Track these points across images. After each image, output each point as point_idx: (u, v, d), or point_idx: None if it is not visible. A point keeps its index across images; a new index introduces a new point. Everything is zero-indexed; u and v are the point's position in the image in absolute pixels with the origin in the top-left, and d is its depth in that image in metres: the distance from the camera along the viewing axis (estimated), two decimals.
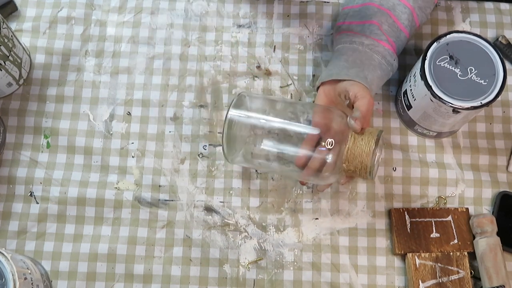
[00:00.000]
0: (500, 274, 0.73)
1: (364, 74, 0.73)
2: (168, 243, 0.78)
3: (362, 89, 0.71)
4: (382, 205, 0.79)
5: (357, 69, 0.73)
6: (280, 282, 0.76)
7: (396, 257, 0.77)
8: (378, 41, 0.75)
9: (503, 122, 0.83)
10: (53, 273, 0.76)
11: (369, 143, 0.67)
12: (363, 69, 0.74)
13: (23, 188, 0.79)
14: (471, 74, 0.72)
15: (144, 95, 0.84)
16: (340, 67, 0.74)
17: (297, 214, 0.79)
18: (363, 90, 0.71)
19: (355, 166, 0.68)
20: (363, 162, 0.67)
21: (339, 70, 0.74)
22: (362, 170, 0.68)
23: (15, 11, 0.87)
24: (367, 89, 0.71)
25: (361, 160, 0.67)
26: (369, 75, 0.73)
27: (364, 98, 0.70)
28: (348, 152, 0.67)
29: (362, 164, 0.67)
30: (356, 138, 0.68)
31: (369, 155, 0.67)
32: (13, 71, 0.79)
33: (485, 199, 0.80)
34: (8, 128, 0.82)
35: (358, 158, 0.67)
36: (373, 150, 0.67)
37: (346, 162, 0.68)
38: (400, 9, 0.76)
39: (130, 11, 0.88)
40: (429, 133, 0.80)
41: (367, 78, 0.73)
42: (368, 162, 0.67)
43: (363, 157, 0.67)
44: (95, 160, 0.81)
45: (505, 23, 0.87)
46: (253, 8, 0.89)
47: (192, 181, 0.80)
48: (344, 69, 0.74)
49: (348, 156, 0.67)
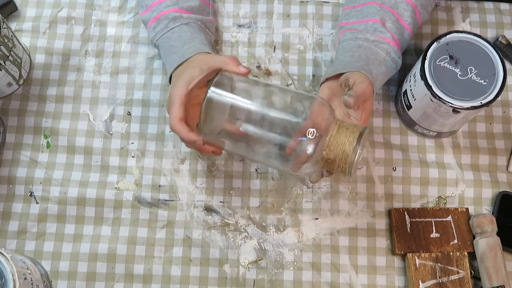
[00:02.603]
0: (500, 274, 0.73)
1: (370, 68, 0.72)
2: (168, 243, 0.78)
3: (363, 77, 0.70)
4: (382, 205, 0.79)
5: (362, 63, 0.73)
6: (280, 282, 0.76)
7: (396, 257, 0.77)
8: (383, 38, 0.75)
9: (503, 122, 0.83)
10: (53, 273, 0.76)
11: (353, 133, 0.63)
12: (369, 63, 0.73)
13: (23, 188, 0.79)
14: (471, 74, 0.72)
15: (144, 95, 0.84)
16: (346, 62, 0.74)
17: (297, 214, 0.79)
18: (363, 77, 0.70)
19: (335, 155, 0.63)
20: (344, 151, 0.63)
21: (345, 65, 0.73)
22: (342, 160, 0.63)
23: (15, 11, 0.87)
24: (368, 78, 0.70)
25: (343, 149, 0.63)
26: (374, 70, 0.73)
27: (362, 83, 0.68)
28: (330, 139, 0.63)
29: (343, 154, 0.63)
30: (341, 127, 0.64)
31: (352, 145, 0.62)
32: (13, 71, 0.79)
33: (485, 199, 0.80)
34: (8, 128, 0.82)
35: (340, 146, 0.63)
36: (356, 141, 0.63)
37: (327, 150, 0.63)
38: (403, 6, 0.76)
39: (130, 11, 0.88)
40: (429, 133, 0.80)
41: (372, 72, 0.72)
42: (350, 151, 0.62)
43: (345, 146, 0.62)
44: (95, 160, 0.81)
45: (505, 23, 0.87)
46: (253, 8, 0.89)
47: (192, 181, 0.80)
48: (350, 64, 0.73)
49: (329, 144, 0.63)
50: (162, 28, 0.77)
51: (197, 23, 0.78)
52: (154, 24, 0.78)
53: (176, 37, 0.76)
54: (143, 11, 0.80)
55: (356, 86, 0.69)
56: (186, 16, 0.78)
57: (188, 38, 0.76)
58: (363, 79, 0.69)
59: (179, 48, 0.75)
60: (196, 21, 0.78)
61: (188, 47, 0.74)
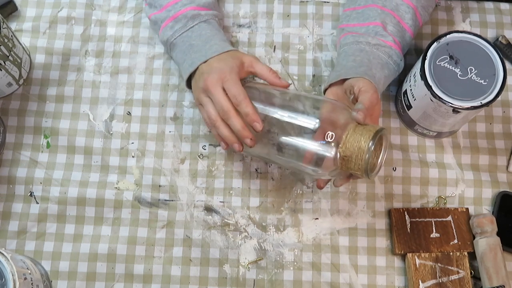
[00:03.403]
0: (500, 274, 0.73)
1: (372, 72, 0.73)
2: (168, 243, 0.78)
3: (367, 84, 0.70)
4: (382, 205, 0.79)
5: (365, 68, 0.73)
6: (280, 282, 0.76)
7: (396, 257, 0.77)
8: (385, 41, 0.75)
9: (503, 122, 0.83)
10: (53, 273, 0.76)
11: (369, 131, 0.64)
12: (371, 67, 0.73)
13: (23, 188, 0.79)
14: (471, 74, 0.72)
15: (144, 95, 0.84)
16: (348, 67, 0.74)
17: (297, 214, 0.79)
18: (368, 84, 0.70)
19: (351, 152, 0.64)
20: (360, 147, 0.64)
21: (347, 70, 0.73)
22: (358, 157, 0.64)
23: (15, 11, 0.87)
24: (372, 84, 0.71)
25: (359, 145, 0.64)
26: (377, 74, 0.73)
27: (367, 92, 0.69)
28: (346, 137, 0.65)
29: (359, 150, 0.64)
30: (358, 126, 0.65)
31: (367, 141, 0.63)
32: (13, 71, 0.79)
33: (485, 199, 0.80)
34: (8, 128, 0.82)
35: (356, 143, 0.64)
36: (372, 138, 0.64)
37: (343, 147, 0.64)
38: (404, 9, 0.76)
39: (130, 11, 0.88)
40: (429, 133, 0.80)
41: (375, 76, 0.73)
42: (365, 148, 0.63)
43: (361, 143, 0.64)
44: (95, 160, 0.81)
45: (505, 23, 0.87)
46: (253, 8, 0.89)
47: (192, 181, 0.80)
48: (352, 69, 0.73)
49: (345, 141, 0.65)
50: (181, 27, 0.77)
51: (214, 19, 0.79)
52: (171, 23, 0.78)
53: (196, 35, 0.77)
54: (157, 11, 0.79)
55: (362, 96, 0.69)
56: (204, 13, 0.78)
57: (208, 36, 0.77)
58: (368, 87, 0.69)
59: (200, 47, 0.76)
60: (214, 17, 0.79)
61: (210, 46, 0.75)
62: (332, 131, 0.66)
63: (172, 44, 0.79)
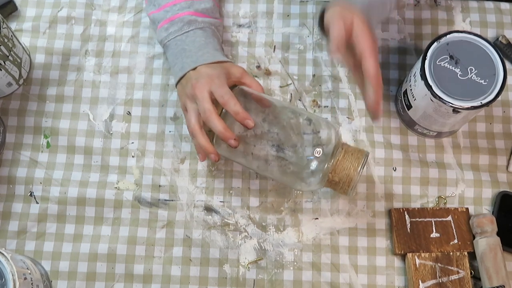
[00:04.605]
0: (500, 274, 0.73)
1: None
2: (168, 243, 0.78)
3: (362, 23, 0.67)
4: (382, 205, 0.79)
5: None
6: (280, 282, 0.76)
7: (396, 257, 0.77)
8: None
9: (503, 122, 0.83)
10: (53, 273, 0.76)
11: (358, 159, 0.69)
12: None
13: (23, 188, 0.79)
14: (471, 74, 0.72)
15: (144, 95, 0.84)
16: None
17: (297, 214, 0.79)
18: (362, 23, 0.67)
19: (340, 178, 0.69)
20: (349, 175, 0.68)
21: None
22: (345, 183, 0.69)
23: (15, 11, 0.87)
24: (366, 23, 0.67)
25: (348, 173, 0.68)
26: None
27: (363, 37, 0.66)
28: (336, 163, 0.69)
29: (347, 177, 0.69)
30: (347, 152, 0.69)
31: (356, 170, 0.68)
32: (13, 71, 0.79)
33: (485, 199, 0.80)
34: (8, 128, 0.82)
35: (345, 171, 0.68)
36: (360, 167, 0.68)
37: (333, 173, 0.69)
38: None
39: (130, 11, 0.88)
40: (429, 133, 0.80)
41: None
42: (354, 177, 0.68)
43: (351, 171, 0.68)
44: (95, 160, 0.81)
45: (505, 23, 0.87)
46: (253, 8, 0.89)
47: (192, 181, 0.80)
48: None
49: (335, 167, 0.69)
50: (175, 30, 0.77)
51: (210, 27, 0.79)
52: (167, 25, 0.78)
53: (190, 41, 0.76)
54: (155, 9, 0.79)
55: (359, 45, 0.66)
56: (200, 20, 0.78)
57: (202, 44, 0.76)
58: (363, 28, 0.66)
59: (193, 53, 0.75)
60: (210, 25, 0.79)
61: (202, 54, 0.75)
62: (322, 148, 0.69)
63: (165, 46, 0.79)
